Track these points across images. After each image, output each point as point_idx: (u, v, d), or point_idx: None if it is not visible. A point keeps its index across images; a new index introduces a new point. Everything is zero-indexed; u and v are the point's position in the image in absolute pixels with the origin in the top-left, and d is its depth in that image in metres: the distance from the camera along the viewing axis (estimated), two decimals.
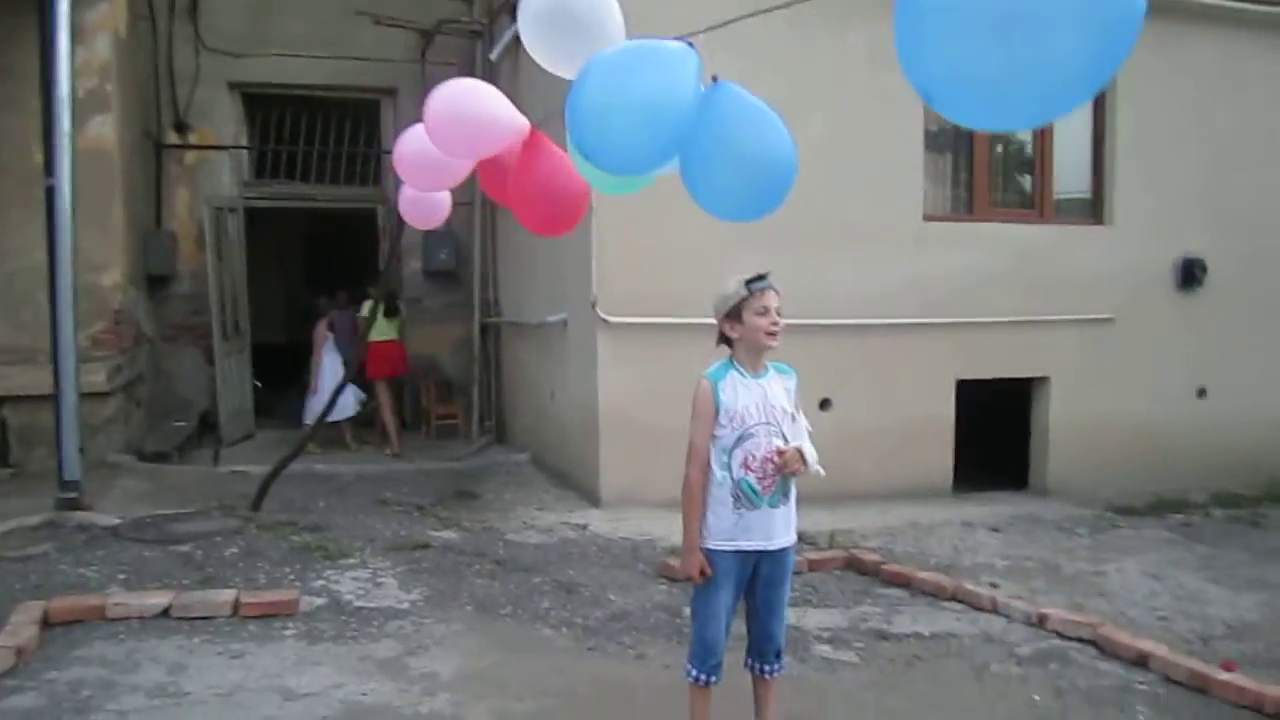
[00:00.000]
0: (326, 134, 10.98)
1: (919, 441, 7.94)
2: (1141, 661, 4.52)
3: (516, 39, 9.20)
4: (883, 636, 4.89)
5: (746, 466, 3.36)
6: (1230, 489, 8.53)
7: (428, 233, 10.37)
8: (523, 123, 3.62)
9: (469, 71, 10.14)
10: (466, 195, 9.49)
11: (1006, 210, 8.38)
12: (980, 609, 5.29)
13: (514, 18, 9.24)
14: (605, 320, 7.14)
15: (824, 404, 7.57)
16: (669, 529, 6.68)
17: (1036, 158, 8.32)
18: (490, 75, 9.82)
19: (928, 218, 7.91)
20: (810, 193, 6.15)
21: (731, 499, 3.37)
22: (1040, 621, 5.00)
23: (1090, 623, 4.88)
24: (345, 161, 11.11)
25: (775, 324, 3.38)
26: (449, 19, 10.37)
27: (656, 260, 7.16)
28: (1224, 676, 4.23)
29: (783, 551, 3.45)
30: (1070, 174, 8.48)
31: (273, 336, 11.38)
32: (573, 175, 3.37)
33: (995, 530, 7.16)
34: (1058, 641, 4.82)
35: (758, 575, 3.44)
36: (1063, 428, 8.37)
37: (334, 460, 9.06)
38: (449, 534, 6.55)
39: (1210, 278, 8.61)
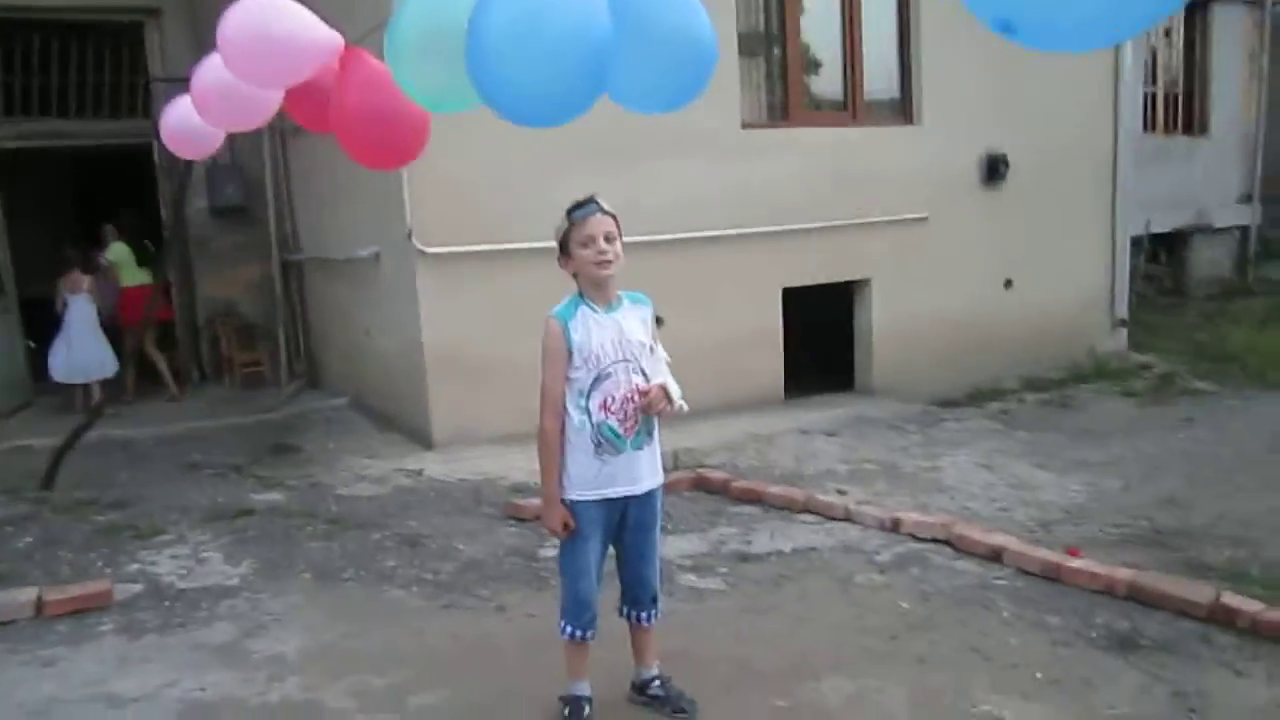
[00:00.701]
0: (84, 63, 9.80)
1: (750, 352, 7.91)
2: (995, 556, 4.60)
3: None
4: (744, 558, 4.81)
5: (606, 409, 3.11)
6: (1039, 374, 8.96)
7: (212, 167, 9.50)
8: (335, 40, 3.16)
9: None
10: None
11: (821, 114, 8.33)
12: (834, 519, 5.29)
13: None
14: (423, 251, 6.69)
15: (657, 321, 7.37)
16: (508, 465, 6.43)
17: (846, 60, 8.27)
18: None
19: (746, 125, 7.76)
20: None
21: (592, 445, 3.12)
22: (894, 526, 5.03)
23: (942, 523, 4.94)
24: (109, 93, 9.97)
25: (603, 253, 3.11)
26: None
27: (473, 184, 6.73)
28: (1074, 564, 4.35)
29: (650, 494, 3.24)
30: (879, 75, 8.48)
31: (47, 292, 10.23)
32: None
33: (831, 435, 7.24)
34: (914, 544, 4.86)
35: (625, 521, 3.23)
36: (885, 328, 8.53)
37: (131, 422, 8.26)
38: (273, 495, 6.05)
39: (1012, 172, 8.86)
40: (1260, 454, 6.54)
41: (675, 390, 3.15)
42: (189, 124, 3.86)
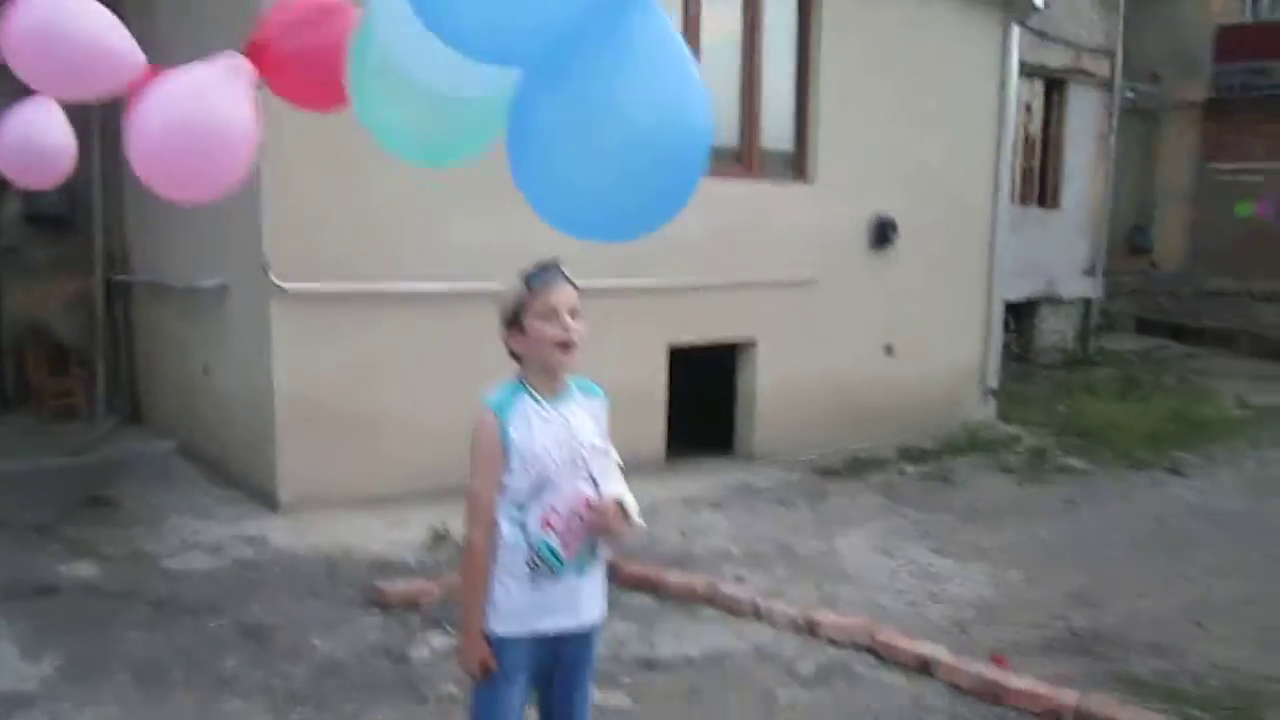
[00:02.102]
0: None
1: (632, 413, 7.34)
2: (924, 668, 4.21)
3: None
4: (649, 665, 4.26)
5: (547, 524, 2.52)
6: (914, 443, 8.78)
7: None
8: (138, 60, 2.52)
9: None
10: (78, 120, 7.66)
11: (715, 164, 7.93)
12: (740, 614, 4.81)
13: None
14: (280, 287, 5.89)
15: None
16: (367, 535, 5.71)
17: (745, 109, 7.93)
18: None
19: None
20: None
21: (527, 567, 2.52)
22: (810, 629, 4.58)
23: (862, 626, 4.53)
24: None
25: (568, 331, 2.54)
26: None
27: (343, 214, 6.00)
28: (1015, 683, 3.99)
29: (591, 630, 2.67)
30: (775, 128, 8.17)
31: None
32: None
33: (717, 506, 6.80)
34: (834, 651, 4.42)
35: (558, 662, 2.64)
36: (768, 390, 8.17)
37: None
38: (84, 567, 5.11)
39: (899, 237, 8.70)
40: (1149, 543, 6.46)
41: (633, 506, 2.59)
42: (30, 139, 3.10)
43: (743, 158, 7.99)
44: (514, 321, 2.54)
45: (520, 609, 2.53)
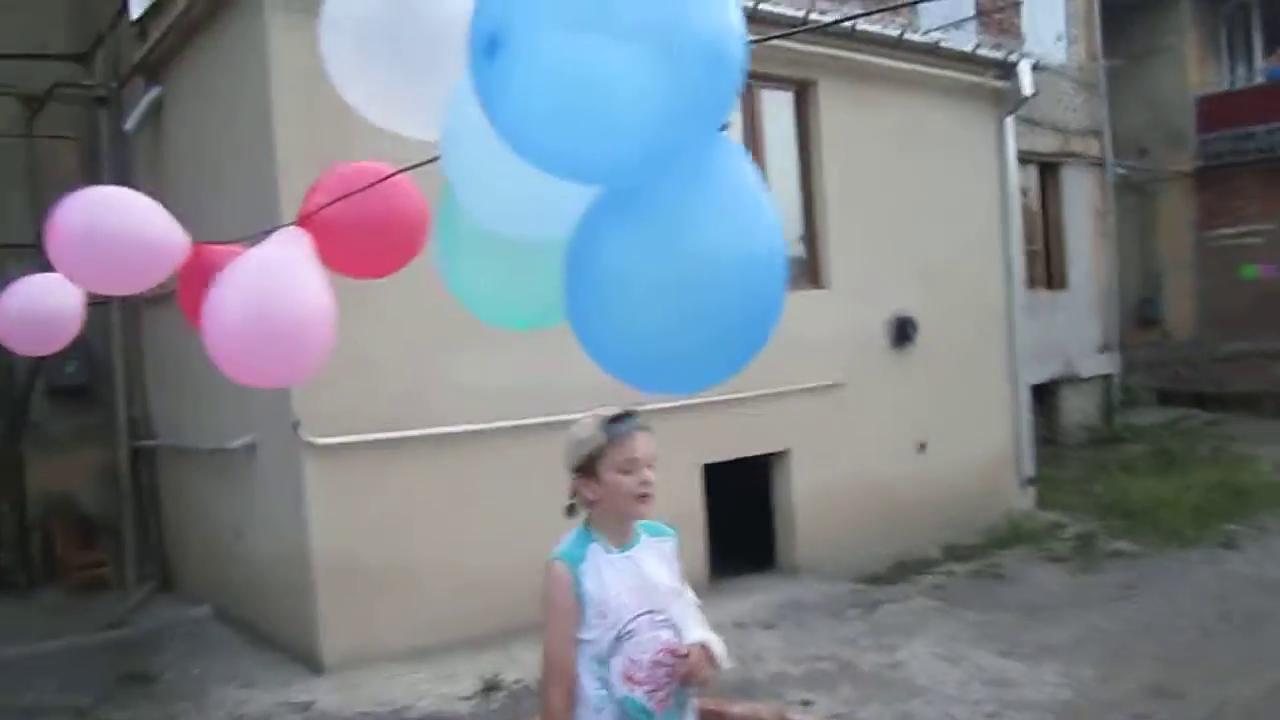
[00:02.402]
0: None
1: None
2: None
3: (157, 105, 7.73)
4: None
5: (631, 679, 2.41)
6: (957, 539, 8.59)
7: None
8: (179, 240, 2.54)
9: (94, 146, 8.40)
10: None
11: None
12: None
13: (151, 80, 7.75)
14: (311, 443, 5.84)
15: (570, 510, 6.65)
16: (415, 691, 5.55)
17: None
18: (122, 151, 8.20)
19: None
20: None
21: None
22: None
23: None
24: None
25: (646, 484, 2.47)
26: (64, 82, 8.53)
27: (369, 361, 5.97)
28: None
29: None
30: (785, 237, 8.22)
31: None
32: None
33: (770, 627, 6.60)
34: None
35: None
36: (805, 500, 8.05)
37: None
38: None
39: (919, 333, 8.69)
40: (1218, 624, 6.24)
41: (719, 648, 2.48)
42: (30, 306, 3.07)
43: None
44: (588, 470, 2.46)
45: None
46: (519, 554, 6.14)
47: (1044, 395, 14.14)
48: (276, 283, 2.08)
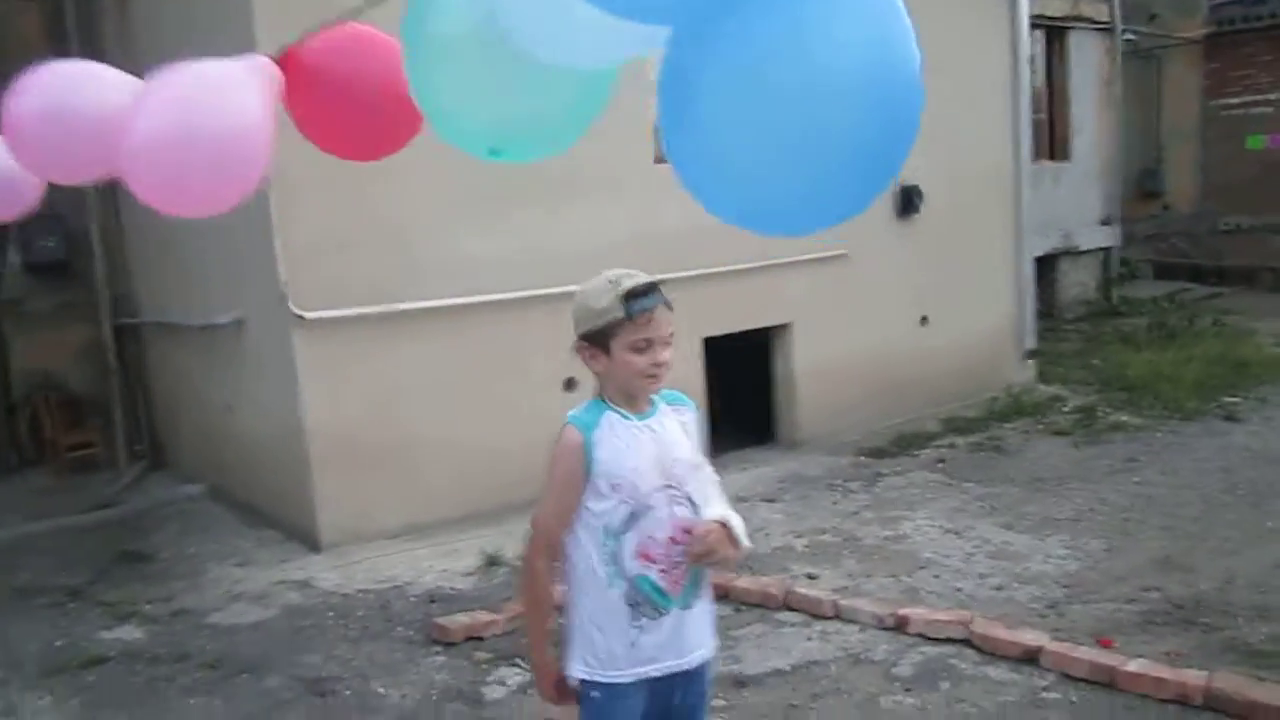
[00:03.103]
0: None
1: None
2: (1030, 658, 3.95)
3: None
4: (740, 683, 4.00)
5: (646, 556, 2.26)
6: (958, 413, 8.51)
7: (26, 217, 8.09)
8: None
9: (57, 8, 7.92)
10: None
11: None
12: (822, 616, 4.55)
13: None
14: (301, 316, 5.64)
15: (569, 384, 6.52)
16: (417, 568, 5.47)
17: None
18: (90, 18, 7.75)
19: (658, 160, 7.02)
20: None
21: (627, 607, 2.26)
22: (900, 625, 4.32)
23: (958, 620, 4.27)
24: None
25: (659, 365, 2.28)
26: None
27: (355, 235, 5.74)
28: (1131, 666, 3.73)
29: (702, 669, 2.41)
30: None
31: None
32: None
33: (772, 501, 6.55)
34: (930, 649, 4.17)
35: (670, 706, 2.38)
36: (806, 374, 7.91)
37: None
38: (128, 630, 4.86)
39: (924, 203, 8.43)
40: (1223, 496, 6.17)
41: (739, 526, 2.33)
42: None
43: None
44: (598, 341, 2.25)
45: (621, 653, 2.27)
46: (518, 430, 6.04)
47: (1042, 268, 13.93)
48: (208, 91, 1.81)
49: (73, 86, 2.24)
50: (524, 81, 1.64)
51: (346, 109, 2.23)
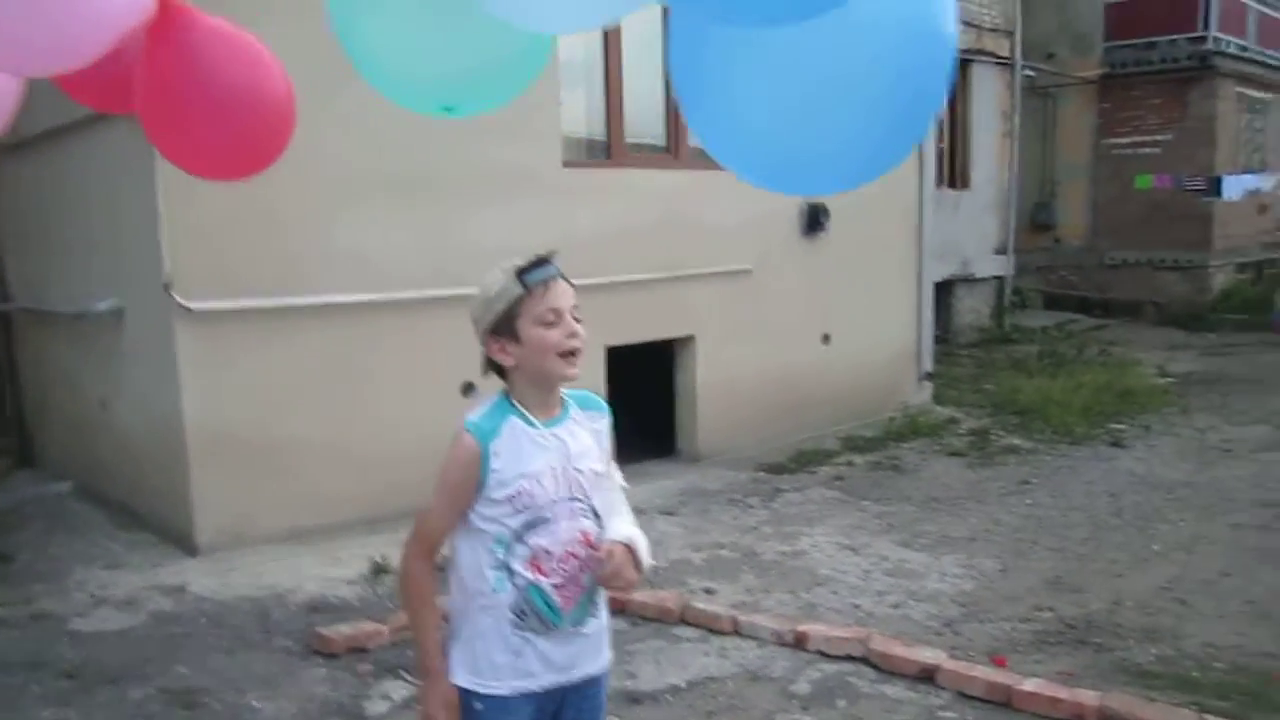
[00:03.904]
0: None
1: None
2: (927, 676, 3.92)
3: None
4: (634, 699, 3.88)
5: (537, 567, 2.12)
6: (856, 432, 8.58)
7: None
8: None
9: None
10: None
11: (644, 155, 7.59)
12: (720, 632, 4.46)
13: None
14: (185, 307, 5.34)
15: (467, 389, 6.32)
16: (299, 574, 5.22)
17: (668, 99, 7.59)
18: None
19: (567, 164, 6.90)
20: (439, 131, 4.92)
21: (513, 617, 2.12)
22: (798, 642, 4.26)
23: (854, 637, 4.22)
24: None
25: (574, 336, 2.15)
26: None
27: (247, 224, 5.46)
28: (1026, 685, 3.73)
29: (593, 684, 2.28)
30: None
31: None
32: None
33: (670, 514, 6.45)
34: (828, 665, 4.10)
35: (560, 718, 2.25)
36: (708, 387, 7.86)
37: None
38: None
39: (830, 223, 8.47)
40: (1110, 519, 6.31)
41: (644, 546, 2.20)
42: None
43: (670, 147, 7.66)
44: (504, 329, 2.11)
45: (503, 664, 2.13)
46: (411, 435, 5.83)
47: (940, 293, 14.23)
48: None
49: None
50: (475, 34, 1.51)
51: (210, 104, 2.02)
